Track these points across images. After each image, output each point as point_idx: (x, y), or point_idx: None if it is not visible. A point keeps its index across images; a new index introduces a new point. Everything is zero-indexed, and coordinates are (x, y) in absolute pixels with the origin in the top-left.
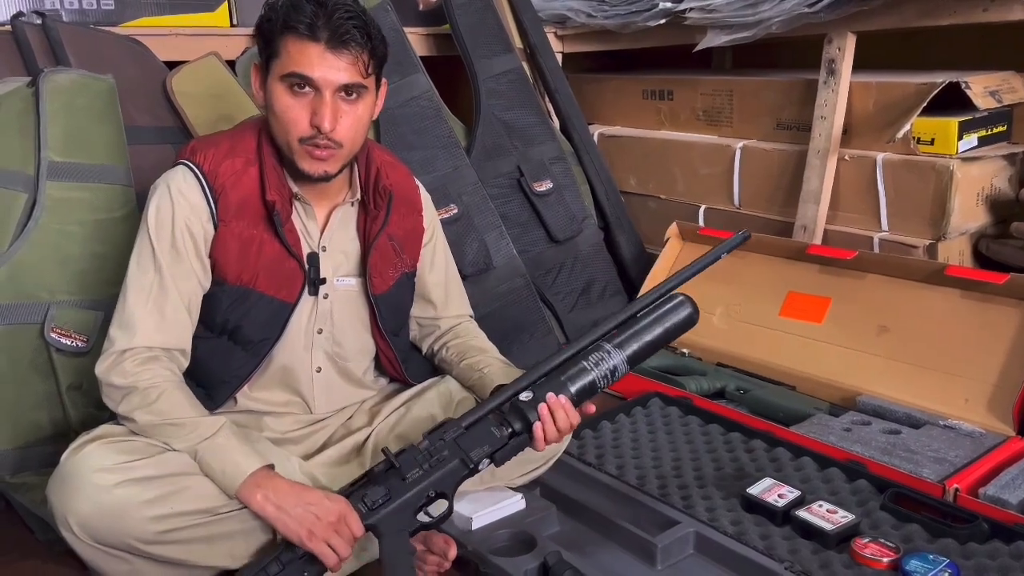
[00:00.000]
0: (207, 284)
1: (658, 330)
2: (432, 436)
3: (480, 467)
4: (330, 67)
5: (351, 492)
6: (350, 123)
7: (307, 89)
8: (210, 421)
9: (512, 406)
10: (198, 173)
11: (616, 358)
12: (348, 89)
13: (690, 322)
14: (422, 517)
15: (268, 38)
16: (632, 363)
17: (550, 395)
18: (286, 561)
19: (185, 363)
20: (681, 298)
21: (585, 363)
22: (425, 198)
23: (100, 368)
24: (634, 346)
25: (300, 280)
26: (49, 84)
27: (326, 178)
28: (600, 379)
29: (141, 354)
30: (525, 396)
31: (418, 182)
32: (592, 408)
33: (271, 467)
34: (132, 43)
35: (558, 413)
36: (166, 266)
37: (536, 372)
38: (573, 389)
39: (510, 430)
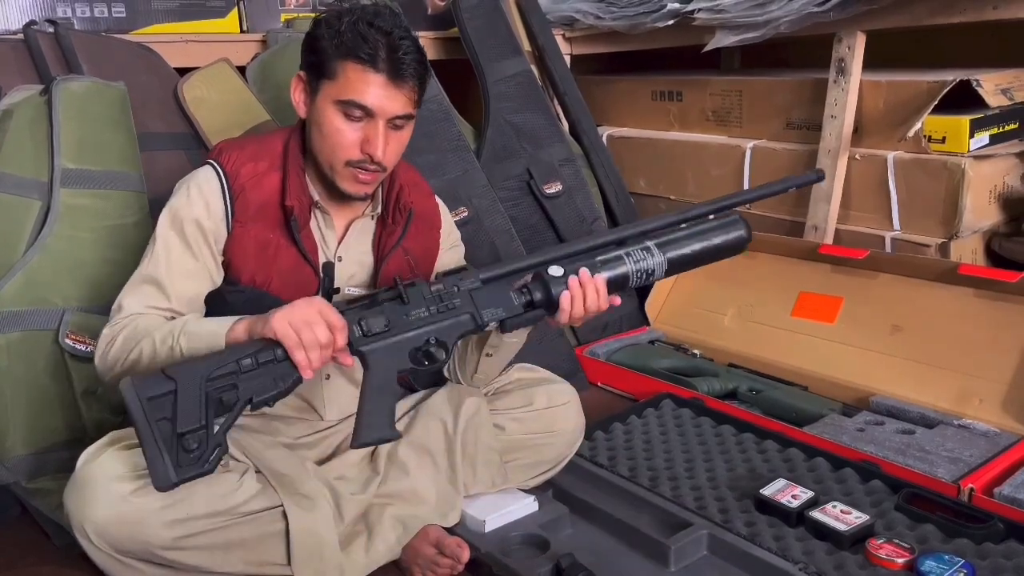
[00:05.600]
0: (218, 279)
1: (706, 243)
2: (447, 280)
3: (488, 328)
4: (389, 99)
5: (348, 309)
6: (395, 149)
7: (359, 114)
8: (177, 320)
9: (536, 276)
10: (220, 172)
11: (656, 257)
12: (399, 118)
13: (740, 244)
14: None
15: (322, 57)
16: (671, 269)
17: (583, 270)
18: (262, 360)
19: None
20: (736, 216)
21: (623, 253)
22: (445, 216)
23: (95, 356)
24: (676, 251)
25: (315, 287)
26: (62, 92)
27: (364, 198)
28: (634, 274)
29: (124, 318)
30: (554, 270)
31: (439, 200)
32: (618, 300)
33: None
34: (143, 50)
35: (588, 289)
36: (170, 260)
37: (569, 248)
38: (605, 275)
39: (528, 299)
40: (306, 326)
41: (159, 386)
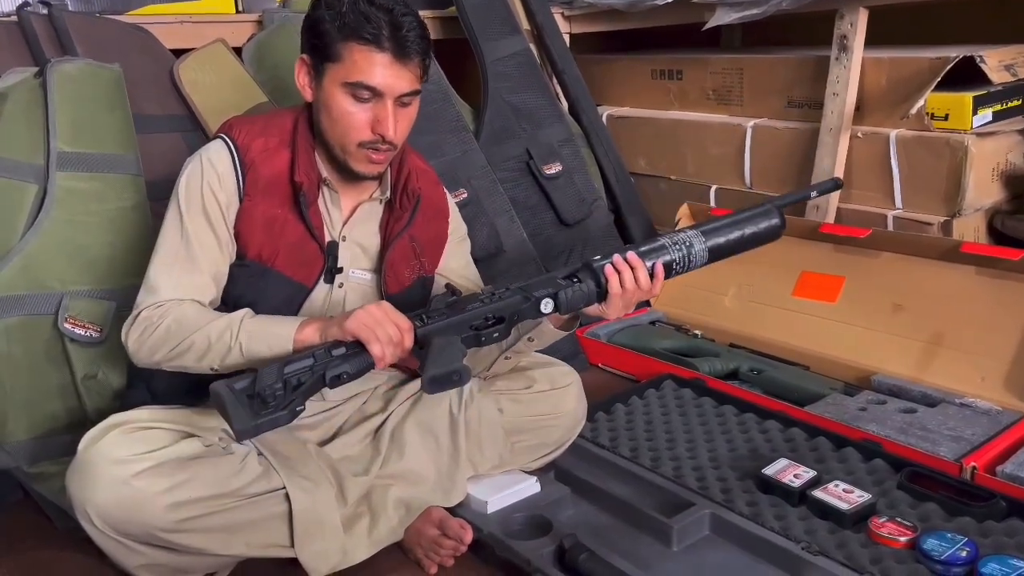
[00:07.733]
0: (233, 253)
1: (744, 230)
2: (495, 285)
3: (543, 308)
4: (396, 77)
5: (409, 315)
6: (405, 125)
7: (367, 95)
8: (233, 315)
9: (584, 265)
10: (231, 146)
11: (696, 244)
12: (407, 95)
13: (775, 232)
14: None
15: (326, 40)
16: (712, 255)
17: (616, 256)
18: (335, 354)
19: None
20: (770, 206)
21: (663, 240)
22: (452, 205)
23: (123, 332)
24: (717, 239)
25: (319, 265)
26: (56, 74)
27: (377, 177)
28: (676, 260)
29: (159, 305)
30: (597, 260)
31: (445, 190)
32: (657, 287)
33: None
34: (138, 31)
35: (634, 266)
36: (193, 234)
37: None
38: (650, 261)
39: (576, 282)
40: (379, 325)
41: (243, 380)
